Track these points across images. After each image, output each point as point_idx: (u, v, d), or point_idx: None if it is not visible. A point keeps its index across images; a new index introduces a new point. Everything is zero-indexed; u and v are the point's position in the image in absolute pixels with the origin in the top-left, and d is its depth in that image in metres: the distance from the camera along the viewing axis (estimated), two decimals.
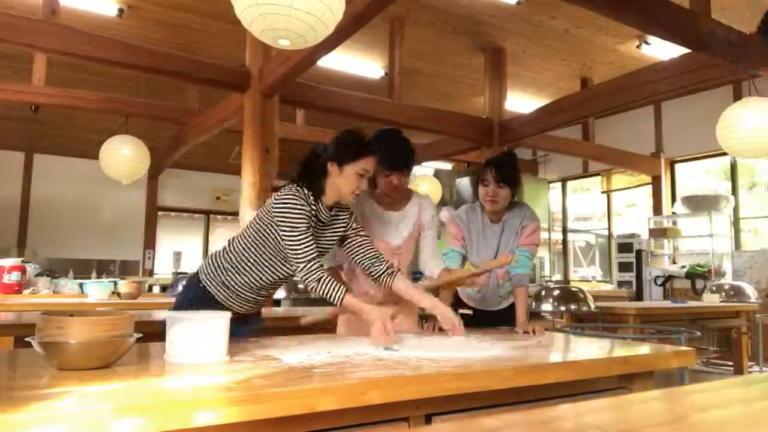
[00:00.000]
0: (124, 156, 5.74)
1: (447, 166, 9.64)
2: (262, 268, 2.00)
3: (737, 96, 6.51)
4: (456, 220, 2.53)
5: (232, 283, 2.02)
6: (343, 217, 2.10)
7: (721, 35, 3.95)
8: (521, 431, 0.54)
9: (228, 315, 1.51)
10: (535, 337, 2.14)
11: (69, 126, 8.13)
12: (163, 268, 9.49)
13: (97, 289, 4.10)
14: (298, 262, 1.88)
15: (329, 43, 3.63)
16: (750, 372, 5.15)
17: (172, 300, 4.59)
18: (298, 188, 1.94)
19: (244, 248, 2.01)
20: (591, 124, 7.88)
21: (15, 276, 4.33)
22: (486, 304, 2.57)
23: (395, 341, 1.78)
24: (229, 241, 2.09)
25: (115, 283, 4.33)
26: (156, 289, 6.56)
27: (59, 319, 1.31)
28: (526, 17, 5.85)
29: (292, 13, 2.45)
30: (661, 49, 6.15)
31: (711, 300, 5.27)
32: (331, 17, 2.57)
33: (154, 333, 1.74)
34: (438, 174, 8.10)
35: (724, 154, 5.64)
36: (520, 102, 7.87)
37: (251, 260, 2.00)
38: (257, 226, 1.99)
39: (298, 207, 1.89)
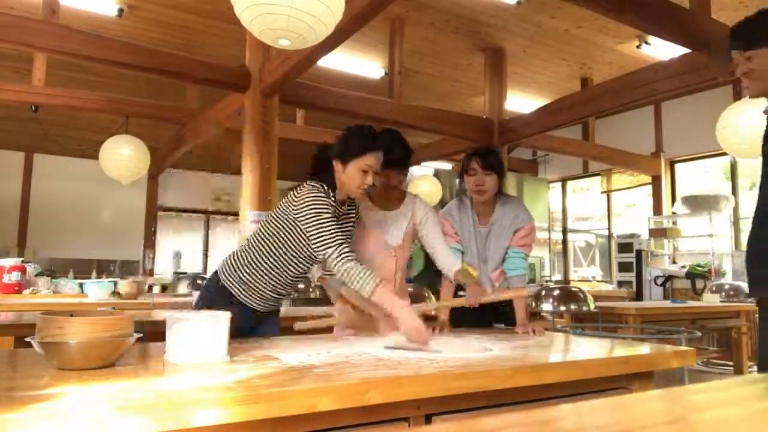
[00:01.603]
0: (124, 156, 5.74)
1: (447, 166, 9.64)
2: (281, 265, 2.03)
3: (737, 96, 6.50)
4: (446, 217, 2.48)
5: (252, 280, 2.04)
6: (353, 213, 2.15)
7: (721, 36, 3.95)
8: (521, 431, 0.54)
9: (228, 315, 1.51)
10: (535, 336, 2.14)
11: (69, 126, 8.12)
12: (163, 268, 9.49)
13: (97, 289, 4.10)
14: (328, 247, 1.87)
15: (329, 43, 3.63)
16: (750, 372, 5.15)
17: (173, 300, 4.60)
18: (314, 184, 1.96)
19: (263, 246, 2.03)
20: (591, 124, 7.88)
21: (15, 276, 4.33)
22: None
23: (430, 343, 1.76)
24: (248, 239, 2.11)
25: (115, 283, 4.34)
26: (156, 289, 6.56)
27: (59, 319, 1.31)
28: (526, 17, 5.85)
29: (292, 13, 2.45)
30: (661, 49, 6.15)
31: (711, 300, 5.27)
32: (331, 17, 2.57)
33: (155, 333, 1.74)
34: (438, 174, 8.09)
35: (724, 154, 5.64)
36: (520, 102, 7.87)
37: (271, 258, 2.02)
38: (276, 223, 2.01)
39: (322, 197, 1.92)
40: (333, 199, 1.98)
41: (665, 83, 4.59)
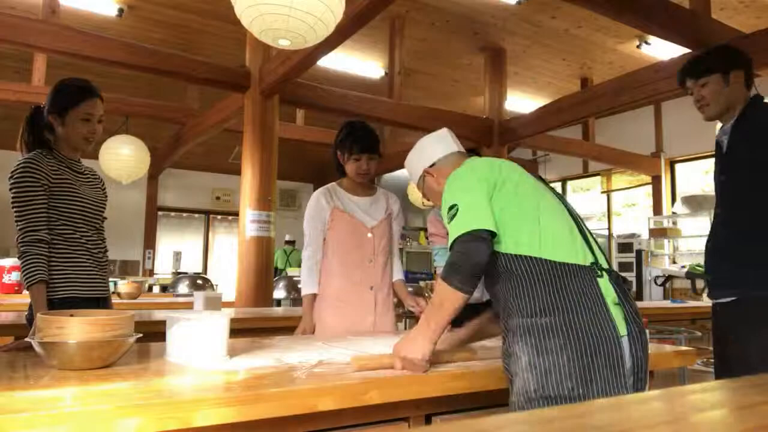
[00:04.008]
0: (124, 156, 5.74)
1: None
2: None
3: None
4: (438, 217, 2.50)
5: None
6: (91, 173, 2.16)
7: (721, 36, 3.95)
8: (521, 431, 0.54)
9: (228, 315, 1.51)
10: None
11: None
12: (163, 268, 9.49)
13: None
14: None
15: (329, 43, 3.63)
16: None
17: (173, 300, 4.60)
18: (26, 158, 1.96)
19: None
20: (591, 124, 7.88)
21: (15, 276, 4.33)
22: None
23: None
24: None
25: (115, 283, 4.34)
26: (156, 289, 6.56)
27: (59, 319, 1.31)
28: (526, 17, 5.85)
29: (292, 13, 2.45)
30: (661, 49, 6.15)
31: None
32: (331, 17, 2.57)
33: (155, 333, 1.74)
34: None
35: None
36: (520, 102, 7.87)
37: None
38: None
39: (29, 172, 1.91)
40: (53, 163, 1.96)
41: (665, 83, 4.59)
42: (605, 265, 1.39)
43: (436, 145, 1.65)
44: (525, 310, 1.32)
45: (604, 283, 1.33)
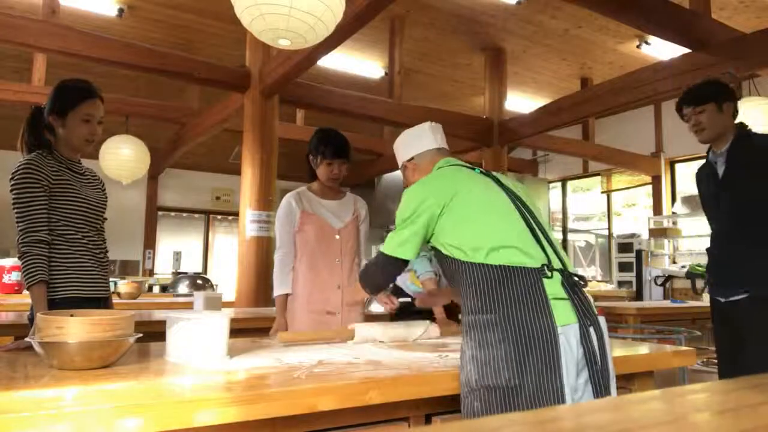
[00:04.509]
0: (124, 156, 5.74)
1: None
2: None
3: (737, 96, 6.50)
4: None
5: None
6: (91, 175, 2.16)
7: (721, 36, 3.96)
8: (521, 431, 0.54)
9: (228, 314, 1.51)
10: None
11: None
12: (163, 268, 9.49)
13: None
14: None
15: (329, 43, 3.63)
16: None
17: (173, 300, 4.60)
18: (27, 159, 1.95)
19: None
20: (591, 124, 7.88)
21: (15, 276, 4.33)
22: None
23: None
24: None
25: (115, 283, 4.34)
26: (156, 289, 6.56)
27: (59, 319, 1.31)
28: (526, 17, 5.85)
29: (292, 13, 2.45)
30: (661, 49, 6.15)
31: None
32: (331, 17, 2.57)
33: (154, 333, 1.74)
34: None
35: None
36: (520, 102, 7.87)
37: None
38: None
39: (31, 173, 1.90)
40: (52, 164, 1.96)
41: (665, 83, 4.59)
42: (557, 266, 1.45)
43: (416, 140, 1.78)
44: (471, 307, 1.44)
45: (550, 282, 1.39)
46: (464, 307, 1.47)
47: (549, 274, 1.40)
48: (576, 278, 1.44)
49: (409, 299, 2.69)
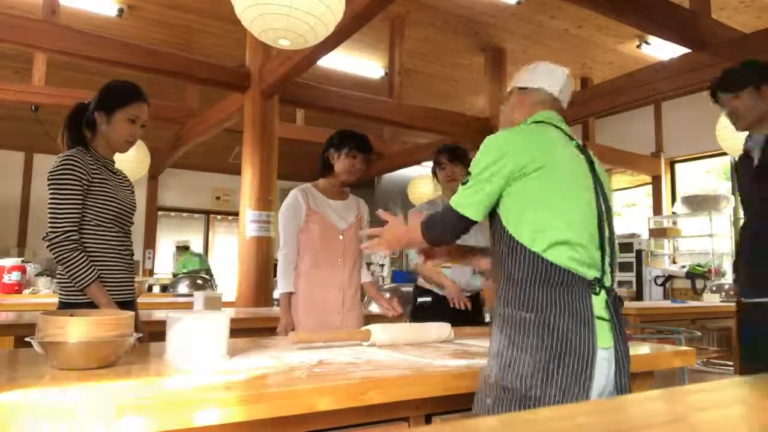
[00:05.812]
0: (124, 156, 5.72)
1: None
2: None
3: None
4: (419, 212, 2.56)
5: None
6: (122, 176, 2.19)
7: (721, 36, 3.96)
8: (521, 431, 0.54)
9: (228, 314, 1.51)
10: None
11: None
12: (163, 268, 9.49)
13: None
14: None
15: (329, 43, 3.63)
16: None
17: (173, 300, 4.60)
18: (66, 154, 1.95)
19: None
20: (591, 124, 7.88)
21: (15, 276, 4.34)
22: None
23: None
24: None
25: None
26: (156, 289, 6.56)
27: (59, 319, 1.31)
28: (526, 17, 5.85)
29: (292, 13, 2.45)
30: (661, 49, 6.15)
31: (711, 300, 5.27)
32: (331, 17, 2.57)
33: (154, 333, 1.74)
34: None
35: (724, 154, 5.64)
36: None
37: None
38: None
39: (68, 169, 1.90)
40: (92, 162, 1.97)
41: (665, 83, 4.59)
42: (607, 282, 1.36)
43: (544, 75, 1.58)
44: (510, 299, 1.33)
45: (597, 299, 1.31)
46: (502, 294, 1.35)
47: (597, 290, 1.31)
48: (618, 299, 1.37)
49: (428, 299, 2.71)
